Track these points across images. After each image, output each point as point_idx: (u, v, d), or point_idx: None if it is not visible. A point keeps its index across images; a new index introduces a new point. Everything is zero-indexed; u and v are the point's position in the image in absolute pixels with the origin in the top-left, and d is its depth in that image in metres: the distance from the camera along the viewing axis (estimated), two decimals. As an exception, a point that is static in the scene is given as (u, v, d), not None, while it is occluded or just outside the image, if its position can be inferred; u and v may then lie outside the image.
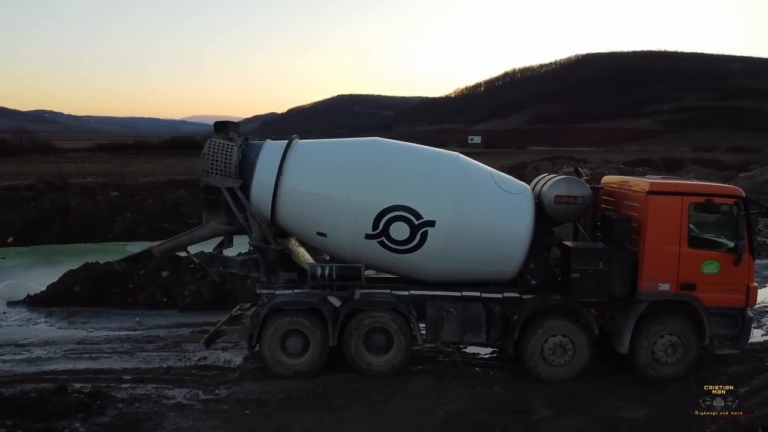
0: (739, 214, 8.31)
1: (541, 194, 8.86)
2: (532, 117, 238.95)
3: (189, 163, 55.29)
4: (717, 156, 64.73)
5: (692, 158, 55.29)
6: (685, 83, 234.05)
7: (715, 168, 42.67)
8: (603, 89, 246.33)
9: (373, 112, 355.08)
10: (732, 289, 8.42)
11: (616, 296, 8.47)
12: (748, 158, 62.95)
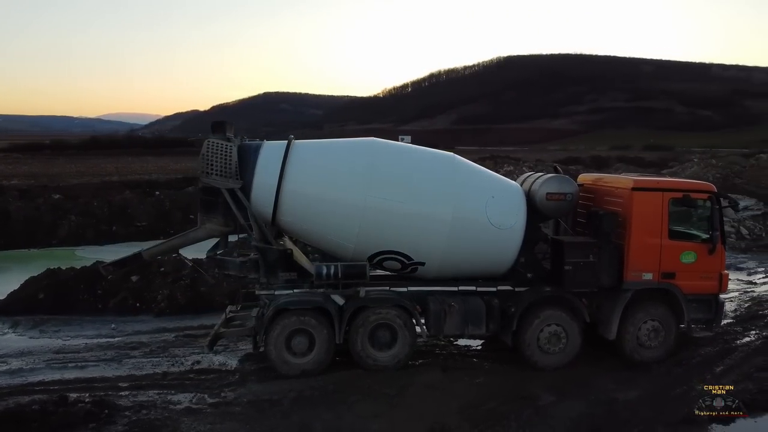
0: (713, 208, 9.13)
1: (532, 192, 9.33)
2: (459, 117, 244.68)
3: (122, 164, 53.39)
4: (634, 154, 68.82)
5: (617, 156, 58.80)
6: (600, 85, 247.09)
7: (639, 166, 45.44)
8: (524, 91, 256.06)
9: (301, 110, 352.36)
10: (707, 277, 9.23)
11: (605, 286, 9.07)
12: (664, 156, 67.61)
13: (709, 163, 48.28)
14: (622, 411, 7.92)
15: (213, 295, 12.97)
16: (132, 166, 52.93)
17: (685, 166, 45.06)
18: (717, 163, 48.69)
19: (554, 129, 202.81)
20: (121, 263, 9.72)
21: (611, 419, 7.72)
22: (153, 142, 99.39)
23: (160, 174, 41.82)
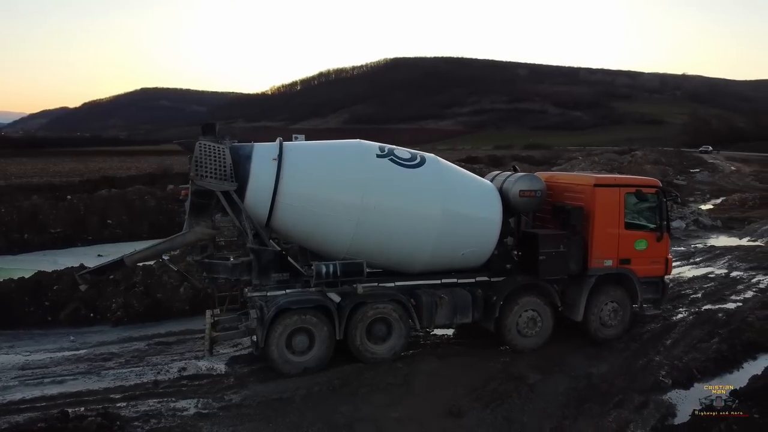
0: (660, 201, 10.45)
1: (504, 189, 10.14)
2: (350, 117, 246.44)
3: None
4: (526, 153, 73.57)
5: (512, 155, 62.72)
6: (481, 88, 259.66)
7: (531, 164, 48.81)
8: (411, 92, 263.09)
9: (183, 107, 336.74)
10: (655, 261, 10.55)
11: (573, 273, 10.08)
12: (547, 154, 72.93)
13: (592, 160, 52.99)
14: (600, 383, 8.89)
15: (172, 301, 12.62)
16: (10, 168, 48.37)
17: (573, 163, 49.06)
18: (599, 160, 53.59)
19: (441, 129, 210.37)
20: (100, 271, 9.26)
21: (593, 391, 8.64)
22: (24, 142, 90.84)
23: (42, 176, 38.84)
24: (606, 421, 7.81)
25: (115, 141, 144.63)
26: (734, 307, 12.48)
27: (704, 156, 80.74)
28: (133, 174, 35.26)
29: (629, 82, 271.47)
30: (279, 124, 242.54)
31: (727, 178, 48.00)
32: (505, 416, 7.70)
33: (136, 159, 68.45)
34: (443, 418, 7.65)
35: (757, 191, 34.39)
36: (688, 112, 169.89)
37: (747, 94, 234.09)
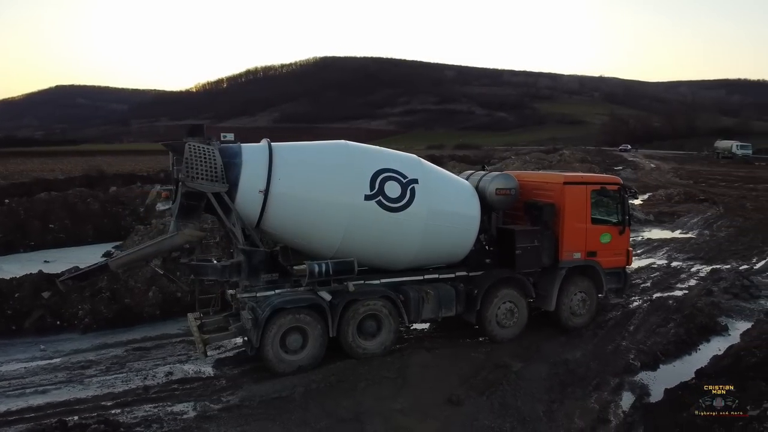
0: (622, 197, 11.25)
1: (481, 188, 10.63)
2: (280, 116, 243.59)
3: None
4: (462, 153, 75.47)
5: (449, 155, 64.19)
6: (410, 88, 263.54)
7: (468, 163, 50.14)
8: (342, 91, 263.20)
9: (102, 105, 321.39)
10: (618, 253, 11.36)
11: (545, 266, 10.70)
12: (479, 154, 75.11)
13: (524, 159, 55.12)
14: (577, 368, 9.49)
15: (141, 306, 12.33)
16: None
17: (506, 162, 50.85)
18: (530, 159, 55.81)
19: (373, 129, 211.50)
20: (82, 276, 8.98)
21: (572, 376, 9.23)
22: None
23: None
24: (589, 403, 8.39)
25: (30, 141, 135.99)
26: (682, 295, 13.55)
27: (624, 154, 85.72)
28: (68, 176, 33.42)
29: (550, 83, 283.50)
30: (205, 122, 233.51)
31: (649, 175, 51.13)
32: (501, 402, 8.13)
33: (57, 160, 65.10)
34: (444, 406, 8.00)
35: (680, 187, 36.98)
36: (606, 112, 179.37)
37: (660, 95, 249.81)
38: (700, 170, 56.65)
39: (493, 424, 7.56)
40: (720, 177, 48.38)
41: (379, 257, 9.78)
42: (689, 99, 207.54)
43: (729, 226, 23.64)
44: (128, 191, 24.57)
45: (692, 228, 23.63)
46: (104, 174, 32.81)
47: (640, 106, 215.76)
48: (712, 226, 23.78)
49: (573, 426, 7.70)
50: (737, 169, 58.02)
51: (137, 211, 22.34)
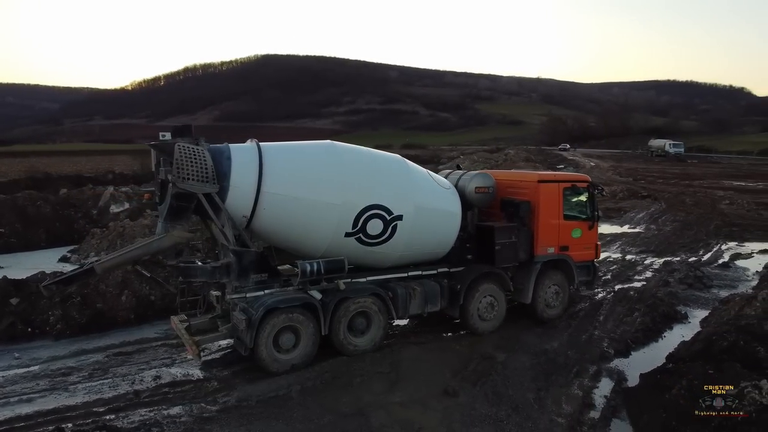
0: (591, 194, 11.85)
1: (461, 186, 10.99)
2: (221, 114, 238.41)
3: None
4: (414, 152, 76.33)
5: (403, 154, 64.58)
6: (355, 88, 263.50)
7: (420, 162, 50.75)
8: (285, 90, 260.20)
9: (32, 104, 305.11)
10: (588, 247, 11.96)
11: (522, 260, 11.15)
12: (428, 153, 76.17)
13: (472, 159, 56.34)
14: (557, 357, 9.98)
15: (114, 310, 12.03)
16: None
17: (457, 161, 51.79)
18: (477, 159, 57.10)
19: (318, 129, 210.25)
20: (67, 281, 8.74)
21: (554, 365, 9.69)
22: None
23: None
24: (573, 389, 8.86)
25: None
26: (641, 286, 14.37)
27: (564, 153, 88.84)
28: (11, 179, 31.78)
29: (490, 84, 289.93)
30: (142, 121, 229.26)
31: (590, 174, 52.96)
32: (494, 392, 8.47)
33: (-13, 161, 61.46)
34: (441, 398, 8.27)
35: (621, 184, 38.82)
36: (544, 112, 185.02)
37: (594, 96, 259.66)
38: (638, 168, 59.49)
39: (489, 413, 7.89)
40: (657, 174, 51.03)
41: (367, 256, 9.94)
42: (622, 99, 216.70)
43: (673, 220, 25.08)
44: (79, 193, 23.66)
45: (639, 223, 24.92)
46: (50, 176, 31.38)
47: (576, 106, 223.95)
48: (658, 221, 25.16)
49: (563, 411, 8.12)
50: (672, 167, 61.32)
51: (90, 214, 21.60)
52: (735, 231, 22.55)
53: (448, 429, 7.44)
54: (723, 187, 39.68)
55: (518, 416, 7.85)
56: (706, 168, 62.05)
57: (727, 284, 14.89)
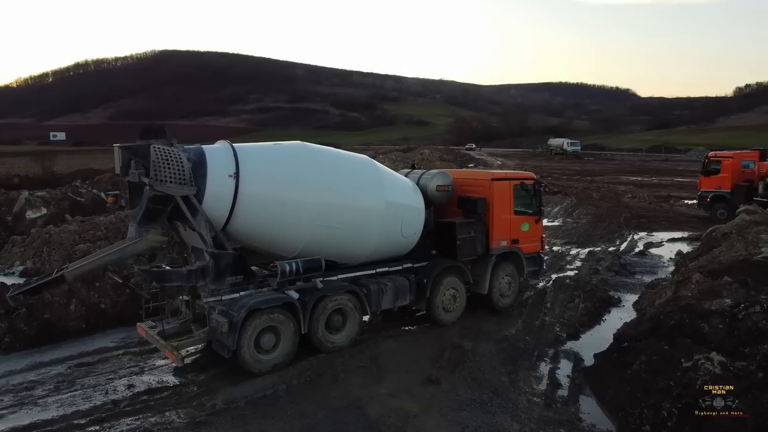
0: (537, 190, 12.73)
1: (422, 185, 11.49)
2: (117, 112, 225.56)
3: None
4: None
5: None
6: (261, 86, 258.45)
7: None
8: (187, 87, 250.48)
9: None
10: (535, 240, 12.85)
11: (479, 254, 11.82)
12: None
13: (389, 158, 57.24)
14: (517, 343, 10.68)
15: (64, 321, 11.42)
16: None
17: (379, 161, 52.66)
18: (395, 158, 58.12)
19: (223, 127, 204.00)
20: (35, 290, 8.30)
21: (516, 350, 10.37)
22: None
23: None
24: (539, 371, 9.57)
25: None
26: (574, 275, 15.55)
27: (471, 153, 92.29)
28: None
29: (396, 85, 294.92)
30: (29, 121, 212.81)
31: (500, 171, 55.81)
32: (472, 377, 9.00)
33: None
34: (426, 386, 8.68)
35: (533, 181, 41.09)
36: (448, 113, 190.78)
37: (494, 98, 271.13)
38: (542, 165, 63.05)
39: (473, 397, 8.39)
40: (560, 171, 54.45)
41: (342, 252, 10.17)
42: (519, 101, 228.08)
43: (586, 214, 27.06)
44: (-14, 199, 21.83)
45: (556, 217, 26.67)
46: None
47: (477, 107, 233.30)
48: (573, 215, 27.05)
49: (536, 390, 8.79)
50: (572, 164, 65.57)
51: (5, 221, 20.05)
52: (643, 222, 24.74)
53: (441, 414, 7.86)
54: (622, 182, 43.17)
55: (499, 398, 8.41)
56: (603, 164, 67.02)
57: (648, 270, 16.43)
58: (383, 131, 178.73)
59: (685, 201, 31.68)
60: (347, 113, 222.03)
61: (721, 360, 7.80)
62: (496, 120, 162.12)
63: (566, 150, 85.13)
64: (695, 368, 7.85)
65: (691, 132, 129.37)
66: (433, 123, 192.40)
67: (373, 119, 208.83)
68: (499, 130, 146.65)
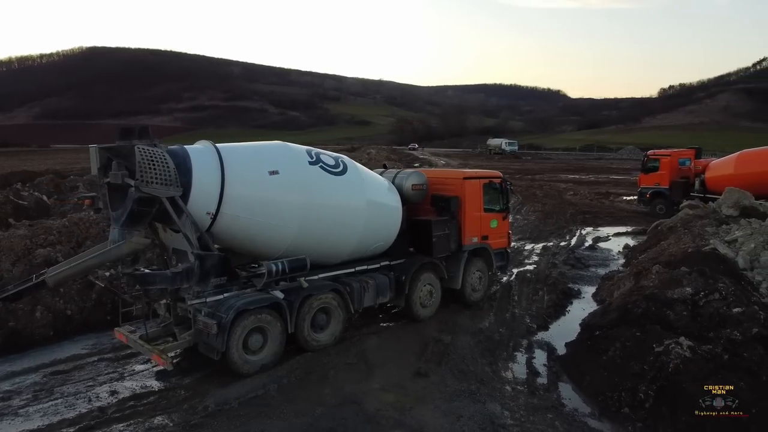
0: (505, 188, 13.21)
1: (398, 184, 11.75)
2: (42, 111, 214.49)
3: None
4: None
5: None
6: (196, 83, 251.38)
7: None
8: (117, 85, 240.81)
9: None
10: (502, 236, 13.34)
11: (453, 251, 12.17)
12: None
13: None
14: (492, 335, 11.09)
15: (31, 328, 11.00)
16: None
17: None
18: (341, 158, 58.12)
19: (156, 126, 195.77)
20: (15, 296, 7.99)
21: (492, 342, 10.77)
22: None
23: None
24: (517, 361, 10.00)
25: None
26: (533, 269, 16.20)
27: (414, 153, 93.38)
28: None
29: (336, 85, 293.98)
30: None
31: (446, 170, 56.83)
32: (458, 369, 9.32)
33: None
34: (416, 379, 8.93)
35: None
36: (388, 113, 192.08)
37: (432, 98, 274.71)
38: (483, 164, 64.50)
39: (462, 387, 8.70)
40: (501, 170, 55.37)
41: (324, 251, 10.25)
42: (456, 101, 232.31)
43: (534, 211, 28.07)
44: None
45: (508, 214, 27.51)
46: None
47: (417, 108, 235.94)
48: (521, 212, 27.98)
49: (519, 379, 9.20)
50: (512, 163, 67.54)
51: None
52: (588, 218, 25.94)
53: (435, 405, 8.12)
54: (562, 180, 44.94)
55: (486, 388, 8.76)
56: (541, 164, 69.42)
57: (601, 263, 17.32)
58: (325, 131, 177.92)
59: (624, 197, 33.40)
60: (287, 112, 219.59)
61: (690, 344, 8.45)
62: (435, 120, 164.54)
63: (505, 150, 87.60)
64: (666, 352, 8.45)
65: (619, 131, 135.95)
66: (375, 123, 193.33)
67: (314, 118, 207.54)
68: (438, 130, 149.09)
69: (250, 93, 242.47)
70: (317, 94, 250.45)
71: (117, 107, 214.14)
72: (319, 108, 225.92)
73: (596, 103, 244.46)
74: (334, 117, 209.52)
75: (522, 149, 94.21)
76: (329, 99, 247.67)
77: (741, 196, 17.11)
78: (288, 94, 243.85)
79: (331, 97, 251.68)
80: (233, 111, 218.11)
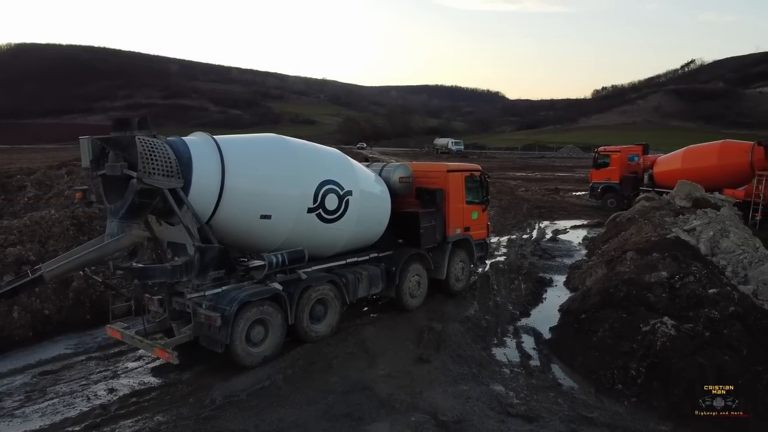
0: (484, 181, 13.61)
1: (385, 177, 11.95)
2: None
3: None
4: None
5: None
6: (131, 81, 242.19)
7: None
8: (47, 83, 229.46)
9: None
10: (482, 227, 13.74)
11: (438, 242, 12.46)
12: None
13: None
14: (480, 322, 11.45)
15: (9, 329, 10.55)
16: None
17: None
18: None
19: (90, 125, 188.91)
20: (11, 292, 7.65)
21: (481, 329, 11.11)
22: None
23: None
24: (507, 346, 10.37)
25: None
26: (504, 259, 16.73)
27: (364, 152, 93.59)
28: None
29: (279, 83, 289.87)
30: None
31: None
32: (457, 354, 9.60)
33: None
34: (419, 365, 9.15)
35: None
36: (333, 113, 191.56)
37: (376, 98, 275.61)
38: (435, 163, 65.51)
39: (464, 371, 8.98)
40: (453, 168, 56.88)
41: (319, 243, 10.30)
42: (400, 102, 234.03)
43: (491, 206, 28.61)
44: None
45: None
46: None
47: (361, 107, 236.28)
48: (480, 208, 28.64)
49: (514, 362, 9.57)
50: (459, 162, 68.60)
51: None
52: (543, 212, 26.90)
53: (443, 389, 8.34)
54: (511, 178, 46.28)
55: (487, 371, 9.08)
56: (487, 162, 70.73)
57: (565, 254, 18.07)
58: (269, 129, 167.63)
59: (573, 193, 34.76)
60: (228, 110, 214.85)
61: (674, 323, 9.03)
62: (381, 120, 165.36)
63: (451, 149, 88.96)
64: (653, 331, 9.00)
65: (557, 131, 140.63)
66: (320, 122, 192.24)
67: (257, 117, 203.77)
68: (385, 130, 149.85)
69: (189, 91, 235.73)
70: (259, 93, 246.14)
71: (47, 106, 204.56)
72: (262, 107, 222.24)
73: (534, 104, 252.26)
74: (277, 116, 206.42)
75: (468, 149, 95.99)
76: (272, 98, 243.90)
77: (692, 189, 18.25)
78: (229, 92, 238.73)
79: (273, 96, 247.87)
80: (172, 109, 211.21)
